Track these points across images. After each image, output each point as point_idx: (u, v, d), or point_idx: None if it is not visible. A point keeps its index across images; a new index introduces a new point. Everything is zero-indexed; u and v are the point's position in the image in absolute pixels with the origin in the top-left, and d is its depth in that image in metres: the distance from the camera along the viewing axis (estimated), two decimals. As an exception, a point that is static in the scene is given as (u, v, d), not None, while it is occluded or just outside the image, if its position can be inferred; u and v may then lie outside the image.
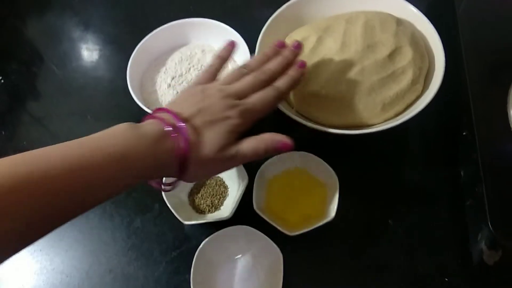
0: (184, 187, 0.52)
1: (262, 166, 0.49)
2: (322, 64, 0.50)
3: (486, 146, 0.45)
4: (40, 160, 0.32)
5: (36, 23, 0.74)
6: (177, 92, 0.55)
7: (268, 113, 0.42)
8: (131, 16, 0.72)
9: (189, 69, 0.57)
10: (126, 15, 0.73)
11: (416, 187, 0.51)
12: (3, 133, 0.62)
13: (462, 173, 0.49)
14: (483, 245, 0.42)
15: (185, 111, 0.39)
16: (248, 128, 0.41)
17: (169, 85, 0.56)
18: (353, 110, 0.49)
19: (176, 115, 0.38)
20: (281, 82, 0.43)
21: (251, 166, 0.49)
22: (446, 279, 0.46)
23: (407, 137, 0.54)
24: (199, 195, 0.52)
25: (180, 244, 0.51)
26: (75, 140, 0.35)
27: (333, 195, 0.47)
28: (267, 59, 0.45)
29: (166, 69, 0.58)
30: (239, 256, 0.47)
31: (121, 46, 0.69)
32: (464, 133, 0.49)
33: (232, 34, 0.57)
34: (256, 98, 0.41)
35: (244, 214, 0.48)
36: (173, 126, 0.38)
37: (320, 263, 0.48)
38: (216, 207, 0.51)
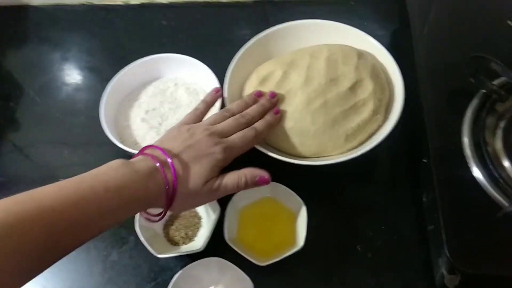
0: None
1: (234, 197, 0.51)
2: (287, 97, 0.52)
3: (442, 174, 0.47)
4: (52, 197, 0.36)
5: (16, 56, 0.75)
6: (151, 127, 0.57)
7: (246, 150, 0.48)
8: (108, 47, 0.74)
9: (162, 102, 0.59)
10: (102, 47, 0.74)
11: (382, 211, 0.54)
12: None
13: (424, 198, 0.51)
14: (443, 270, 0.44)
15: (173, 147, 0.43)
16: (229, 163, 0.46)
17: (143, 119, 0.58)
18: (318, 141, 0.51)
19: (165, 152, 0.42)
20: (259, 125, 0.49)
21: (224, 197, 0.51)
22: (413, 302, 0.48)
23: (373, 163, 0.56)
24: (174, 227, 0.53)
25: (155, 276, 0.52)
26: (74, 177, 0.39)
27: (302, 223, 0.49)
28: (246, 105, 0.51)
29: (140, 103, 0.60)
30: (212, 287, 0.49)
31: (99, 76, 0.70)
32: (424, 160, 0.51)
33: (202, 68, 0.59)
34: (237, 137, 0.47)
35: (217, 244, 0.50)
36: (162, 162, 0.42)
37: (291, 290, 0.50)
38: (190, 238, 0.52)
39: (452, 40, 0.56)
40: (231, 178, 0.45)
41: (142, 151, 0.44)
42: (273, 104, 0.51)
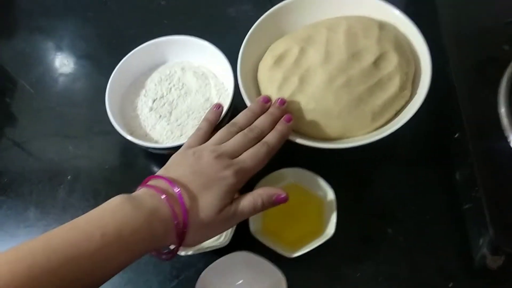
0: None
1: (256, 186, 0.48)
2: (306, 76, 0.49)
3: (479, 148, 0.45)
4: (39, 254, 0.32)
5: (6, 48, 0.71)
6: (160, 116, 0.54)
7: (260, 169, 0.43)
8: (103, 33, 0.70)
9: (170, 89, 0.55)
10: (97, 33, 0.70)
11: (412, 192, 0.51)
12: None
13: (457, 176, 0.49)
14: (485, 251, 0.42)
15: (180, 176, 0.39)
16: (242, 186, 0.42)
17: (151, 108, 0.54)
18: (343, 122, 0.47)
19: (171, 181, 0.38)
20: (271, 138, 0.44)
21: (244, 187, 0.48)
22: (450, 284, 0.46)
23: (398, 143, 0.53)
24: (193, 221, 0.50)
25: (178, 274, 0.49)
26: (69, 223, 0.35)
27: (330, 210, 0.47)
28: (254, 115, 0.46)
29: (145, 91, 0.56)
30: (241, 281, 0.46)
31: (96, 65, 0.67)
32: (456, 135, 0.48)
33: (209, 49, 0.55)
34: (248, 156, 0.42)
35: (242, 237, 0.47)
36: (168, 193, 0.37)
37: (323, 280, 0.47)
38: (212, 232, 0.49)
39: (483, 5, 0.52)
40: (247, 202, 0.41)
41: (145, 182, 0.40)
42: (283, 112, 0.46)
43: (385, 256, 0.48)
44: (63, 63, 0.68)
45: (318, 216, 0.48)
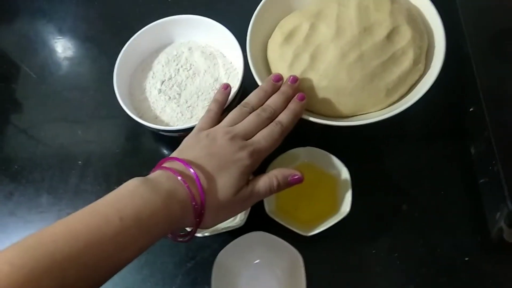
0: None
1: (270, 166, 0.48)
2: (318, 53, 0.48)
3: (496, 120, 0.44)
4: (60, 240, 0.32)
5: (8, 33, 0.70)
6: (169, 98, 0.53)
7: (274, 149, 0.43)
8: (106, 14, 0.68)
9: (178, 70, 0.55)
10: (100, 14, 0.69)
11: (426, 168, 0.51)
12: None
13: (472, 150, 0.48)
14: (502, 224, 0.42)
15: (194, 158, 0.39)
16: (257, 167, 0.42)
17: (160, 91, 0.53)
18: (357, 99, 0.47)
19: (186, 163, 0.38)
20: (284, 117, 0.44)
21: (258, 169, 0.48)
22: (467, 259, 0.46)
23: (412, 118, 0.52)
24: (207, 202, 0.50)
25: (194, 255, 0.49)
26: (87, 207, 0.34)
27: (345, 188, 0.46)
28: (266, 94, 0.45)
29: (153, 73, 0.55)
30: (258, 261, 0.46)
31: (100, 47, 0.66)
32: (471, 109, 0.47)
33: (216, 28, 0.54)
34: (262, 137, 0.42)
35: (257, 218, 0.47)
36: (185, 174, 0.37)
37: (339, 257, 0.47)
38: (226, 213, 0.49)
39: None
40: (263, 183, 0.41)
41: (160, 165, 0.39)
42: (296, 90, 0.46)
43: (400, 232, 0.48)
44: (67, 46, 0.66)
45: (332, 195, 0.48)
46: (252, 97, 0.45)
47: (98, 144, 0.58)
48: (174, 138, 0.54)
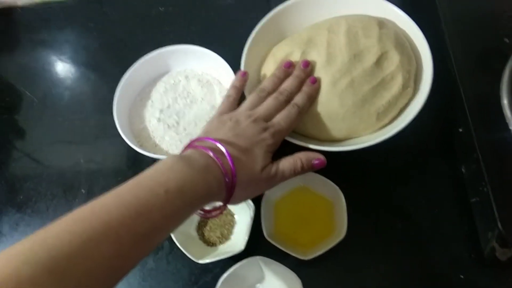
0: (191, 223, 0.52)
1: (267, 191, 0.49)
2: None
3: (483, 141, 0.45)
4: (114, 210, 0.33)
5: (9, 63, 0.72)
6: (168, 126, 0.54)
7: (293, 129, 0.46)
8: (105, 43, 0.70)
9: (176, 98, 0.56)
10: (100, 43, 0.70)
11: (420, 186, 0.52)
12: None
13: (463, 170, 0.49)
14: (494, 243, 0.43)
15: (222, 137, 0.41)
16: (278, 147, 0.44)
17: (159, 119, 0.55)
18: (349, 124, 0.48)
19: (218, 141, 0.40)
20: (299, 99, 0.47)
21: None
22: (462, 276, 0.47)
23: (404, 139, 0.52)
24: (208, 227, 0.51)
25: (196, 279, 0.51)
26: (132, 181, 0.36)
27: (341, 211, 0.48)
28: (279, 80, 0.49)
29: (152, 102, 0.57)
30: (258, 285, 0.48)
31: (101, 75, 0.67)
32: (460, 130, 0.49)
33: (212, 57, 0.55)
34: (281, 119, 0.45)
35: (256, 241, 0.48)
36: (217, 151, 0.39)
37: (337, 278, 0.49)
38: (226, 237, 0.51)
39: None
40: (287, 163, 0.43)
41: (191, 144, 0.41)
42: (308, 74, 0.49)
43: (397, 252, 0.49)
44: (67, 76, 0.68)
45: (329, 218, 0.49)
46: (267, 83, 0.48)
47: (100, 172, 0.59)
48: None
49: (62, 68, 0.69)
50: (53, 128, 0.63)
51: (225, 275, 0.46)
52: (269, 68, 0.52)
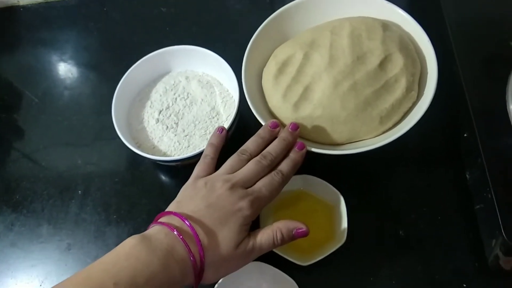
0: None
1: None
2: (311, 83, 0.48)
3: (488, 146, 0.44)
4: None
5: (10, 63, 0.71)
6: (167, 127, 0.54)
7: (274, 198, 0.42)
8: (106, 43, 0.70)
9: (175, 99, 0.55)
10: (100, 43, 0.70)
11: (423, 193, 0.51)
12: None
13: (468, 176, 0.48)
14: (498, 251, 0.42)
15: (193, 210, 0.38)
16: (256, 216, 0.41)
17: (158, 120, 0.54)
18: (351, 127, 0.47)
19: (184, 218, 0.37)
20: (285, 166, 0.43)
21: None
22: (465, 285, 0.46)
23: (407, 144, 0.52)
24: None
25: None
26: (83, 272, 0.34)
27: (341, 216, 0.46)
28: (263, 141, 0.44)
29: (151, 102, 0.56)
30: (255, 291, 0.47)
31: (101, 75, 0.67)
32: (465, 135, 0.47)
33: (212, 58, 0.55)
34: (263, 185, 0.41)
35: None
36: (183, 231, 0.36)
37: (338, 286, 0.47)
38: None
39: (488, 2, 0.51)
40: (266, 236, 0.40)
41: (157, 219, 0.39)
42: (296, 137, 0.45)
43: (398, 259, 0.48)
44: (67, 76, 0.68)
45: (329, 223, 0.48)
46: (250, 144, 0.44)
47: (98, 173, 0.58)
48: (173, 167, 0.55)
49: (62, 67, 0.69)
50: (51, 127, 0.63)
51: (220, 280, 0.45)
52: (271, 71, 0.51)
